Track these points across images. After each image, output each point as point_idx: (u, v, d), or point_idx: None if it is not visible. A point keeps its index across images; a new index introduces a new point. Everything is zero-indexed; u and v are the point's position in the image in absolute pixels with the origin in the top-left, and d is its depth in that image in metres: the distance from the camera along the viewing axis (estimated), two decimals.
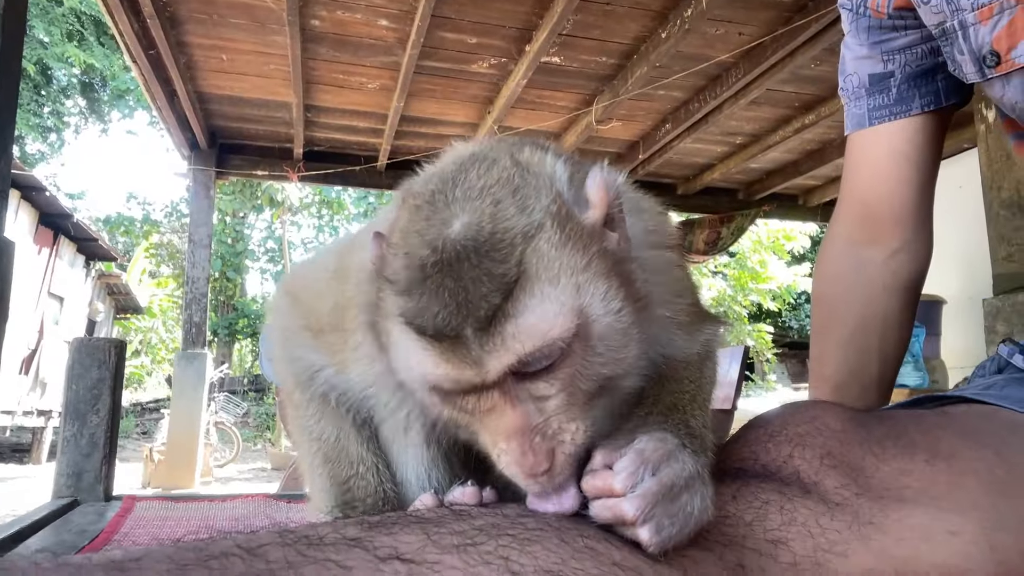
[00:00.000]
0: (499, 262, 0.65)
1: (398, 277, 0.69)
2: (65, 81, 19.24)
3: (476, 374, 0.66)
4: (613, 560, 0.54)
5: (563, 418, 0.69)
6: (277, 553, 0.49)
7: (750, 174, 7.22)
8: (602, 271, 0.69)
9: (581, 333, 0.67)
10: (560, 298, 0.66)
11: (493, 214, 0.67)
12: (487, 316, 0.64)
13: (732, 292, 13.37)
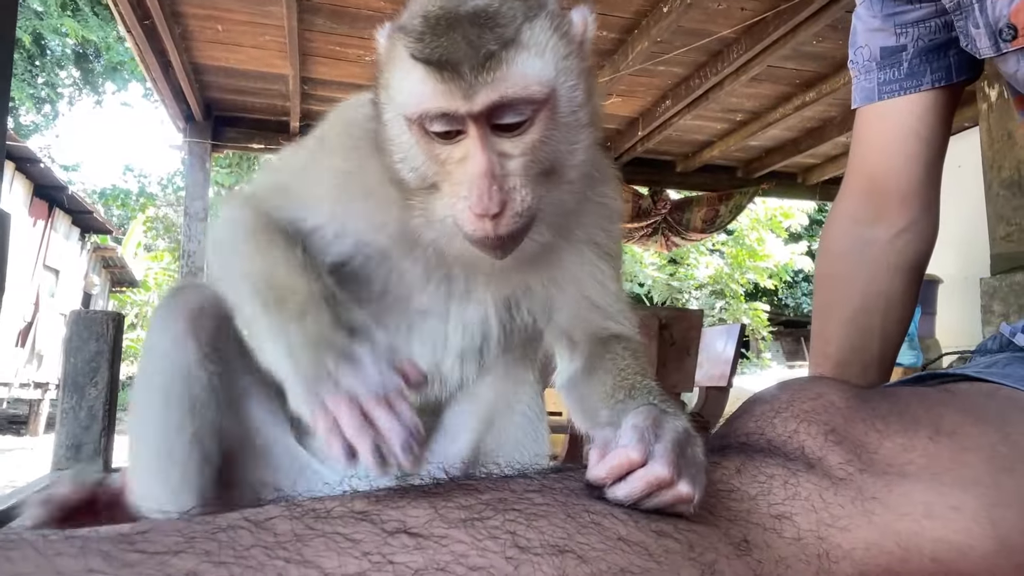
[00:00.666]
0: (502, 25, 0.79)
1: (414, 26, 0.82)
2: (59, 52, 18.99)
3: (464, 103, 0.78)
4: (619, 535, 0.54)
5: (519, 179, 0.81)
6: (285, 526, 0.49)
7: (749, 152, 7.18)
8: (575, 71, 0.85)
9: (551, 103, 0.81)
10: (542, 67, 0.80)
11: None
12: (484, 56, 0.77)
13: (729, 270, 13.38)
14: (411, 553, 0.48)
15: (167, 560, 0.43)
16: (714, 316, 12.80)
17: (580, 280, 0.99)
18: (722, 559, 0.57)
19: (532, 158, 0.82)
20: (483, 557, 0.49)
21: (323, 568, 0.45)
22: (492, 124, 0.80)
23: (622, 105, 6.05)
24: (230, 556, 0.44)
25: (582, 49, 0.88)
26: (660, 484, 0.62)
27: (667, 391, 3.31)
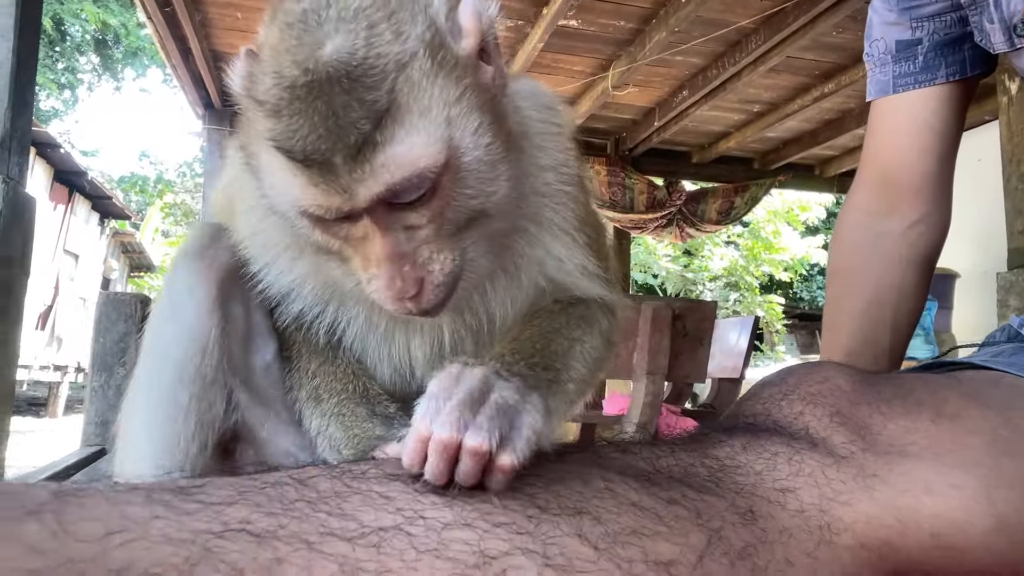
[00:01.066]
0: (371, 88, 0.65)
1: (267, 97, 0.67)
2: (79, 37, 19.14)
3: (344, 201, 0.67)
4: (631, 500, 0.57)
5: (433, 247, 0.71)
6: (325, 484, 0.52)
7: (766, 143, 7.14)
8: (474, 104, 0.70)
9: (451, 165, 0.68)
10: (430, 129, 0.66)
11: (367, 38, 0.66)
12: (356, 143, 0.64)
13: (744, 262, 13.32)
14: (440, 509, 0.51)
15: (222, 510, 0.47)
16: (728, 308, 12.76)
17: (535, 261, 0.89)
18: (728, 526, 0.59)
19: (441, 221, 0.71)
20: (505, 515, 0.52)
21: (361, 521, 0.49)
22: (388, 203, 0.69)
23: (638, 95, 6.04)
24: (278, 508, 0.48)
25: (479, 67, 0.73)
26: (445, 448, 0.55)
27: (679, 381, 3.34)
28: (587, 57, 5.38)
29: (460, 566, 0.48)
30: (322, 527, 0.47)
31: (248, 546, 0.44)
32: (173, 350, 0.88)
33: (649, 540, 0.54)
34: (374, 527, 0.49)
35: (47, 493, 0.45)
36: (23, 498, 0.44)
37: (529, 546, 0.50)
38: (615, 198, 6.84)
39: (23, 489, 0.46)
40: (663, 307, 3.45)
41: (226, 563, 0.43)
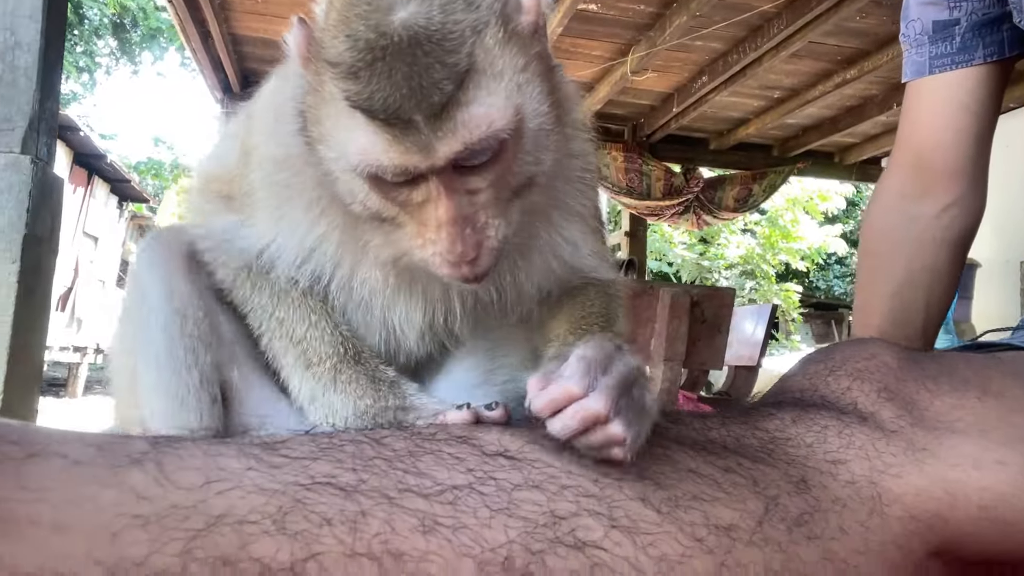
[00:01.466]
0: (451, 52, 0.66)
1: (342, 59, 0.68)
2: (97, 21, 19.22)
3: (423, 159, 0.68)
4: (689, 468, 0.58)
5: (490, 212, 0.73)
6: (400, 444, 0.54)
7: (786, 130, 7.08)
8: (537, 74, 0.73)
9: (518, 129, 0.71)
10: (505, 92, 0.69)
11: (443, 5, 0.68)
12: (439, 102, 0.66)
13: (761, 251, 13.24)
14: (508, 472, 0.53)
15: (307, 464, 0.49)
16: (744, 297, 12.71)
17: (550, 245, 0.91)
18: (783, 495, 0.60)
19: (501, 185, 0.74)
20: (571, 479, 0.53)
21: (435, 479, 0.50)
22: (456, 165, 0.70)
23: (657, 81, 5.99)
24: (359, 464, 0.50)
25: (538, 36, 0.76)
26: (595, 420, 0.59)
27: (695, 368, 3.34)
28: (606, 42, 5.35)
29: (531, 525, 0.49)
30: (400, 483, 0.49)
31: (334, 499, 0.46)
32: (158, 312, 0.89)
33: (709, 505, 0.55)
34: (448, 485, 0.50)
35: (146, 443, 0.47)
36: (125, 448, 0.46)
37: (595, 508, 0.51)
38: (632, 184, 6.82)
39: (124, 440, 0.48)
40: (681, 293, 3.44)
41: (316, 513, 0.45)
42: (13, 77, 2.40)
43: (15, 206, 2.33)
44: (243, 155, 0.93)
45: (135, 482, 0.43)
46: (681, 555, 0.51)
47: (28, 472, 0.42)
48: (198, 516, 0.42)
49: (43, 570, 0.38)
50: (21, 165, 2.35)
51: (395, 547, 0.45)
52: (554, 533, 0.49)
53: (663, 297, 3.39)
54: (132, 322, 0.92)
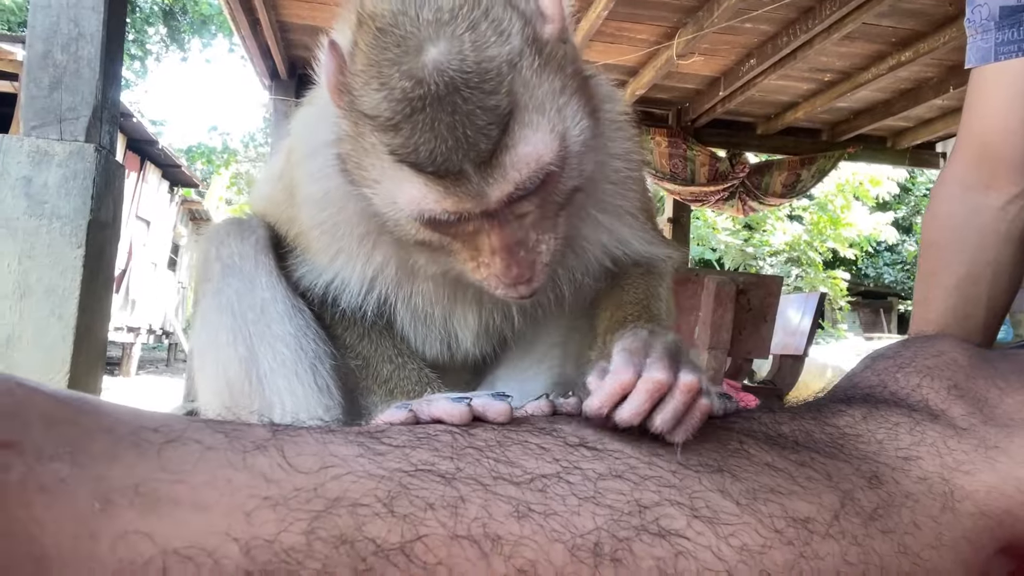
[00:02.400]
0: (490, 93, 0.65)
1: (379, 111, 0.66)
2: (148, 9, 19.64)
3: (476, 204, 0.68)
4: (765, 461, 0.60)
5: (539, 230, 0.74)
6: (488, 435, 0.57)
7: (836, 114, 6.90)
8: (572, 89, 0.72)
9: (565, 152, 0.71)
10: (549, 124, 0.68)
11: (473, 41, 0.66)
12: (488, 150, 0.65)
13: (808, 237, 12.98)
14: (592, 462, 0.55)
15: (407, 452, 0.52)
16: (789, 284, 12.49)
17: (600, 245, 0.92)
18: (858, 489, 0.61)
19: (549, 204, 0.74)
20: (652, 469, 0.55)
21: (525, 468, 0.53)
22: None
23: (703, 65, 5.90)
24: (454, 453, 0.53)
25: (567, 45, 0.74)
26: (661, 388, 0.61)
27: (740, 357, 3.32)
28: (652, 25, 5.28)
29: (617, 513, 0.51)
30: (493, 472, 0.52)
31: (435, 485, 0.49)
32: (276, 304, 0.91)
33: (786, 498, 0.56)
34: (536, 474, 0.53)
35: (267, 431, 0.51)
36: (250, 434, 0.50)
37: (677, 498, 0.53)
38: (675, 170, 6.74)
39: (247, 427, 0.51)
40: (727, 282, 3.42)
41: (419, 498, 0.48)
42: (77, 67, 2.48)
43: (80, 193, 2.42)
44: (288, 196, 0.94)
45: (262, 466, 0.47)
46: (762, 546, 0.52)
47: (168, 457, 0.45)
48: (318, 499, 0.46)
49: (188, 546, 0.42)
50: (85, 153, 2.44)
51: (493, 531, 0.48)
52: (639, 521, 0.51)
53: (708, 285, 3.37)
54: (235, 315, 0.90)
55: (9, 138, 2.47)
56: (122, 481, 0.43)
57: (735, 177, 6.78)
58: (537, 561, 0.48)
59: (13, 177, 2.40)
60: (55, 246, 2.38)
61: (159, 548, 0.41)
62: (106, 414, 0.47)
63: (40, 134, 2.44)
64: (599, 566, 0.48)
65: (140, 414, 0.49)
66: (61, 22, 2.49)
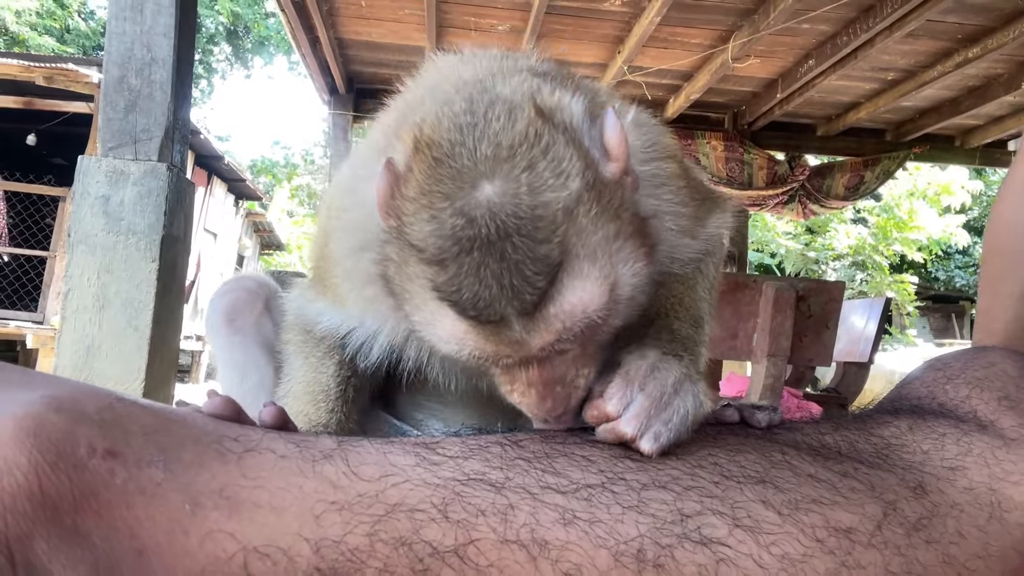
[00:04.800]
0: (542, 242, 0.62)
1: (427, 245, 0.64)
2: (213, 29, 20.43)
3: (517, 351, 0.66)
4: (808, 472, 0.60)
5: (579, 364, 0.70)
6: (535, 446, 0.60)
7: (900, 113, 6.70)
8: (628, 232, 0.67)
9: (615, 296, 0.66)
10: (599, 275, 0.64)
11: (530, 183, 0.63)
12: (533, 302, 0.62)
13: (874, 241, 12.56)
14: (636, 473, 0.57)
15: (460, 463, 0.55)
16: (853, 289, 12.11)
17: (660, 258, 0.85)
18: (901, 499, 0.61)
19: (592, 344, 0.71)
20: (694, 480, 0.56)
21: (571, 478, 0.55)
22: None
23: (760, 67, 5.81)
24: (503, 463, 0.56)
25: (630, 184, 0.69)
26: (625, 440, 0.64)
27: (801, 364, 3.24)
28: (706, 29, 5.23)
29: (660, 521, 0.53)
30: (540, 481, 0.54)
31: (487, 493, 0.53)
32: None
33: (829, 508, 0.57)
34: (582, 484, 0.55)
35: (333, 441, 0.55)
36: (317, 445, 0.54)
37: (719, 508, 0.55)
38: (732, 174, 6.64)
39: (315, 438, 0.56)
40: (786, 288, 3.35)
41: (472, 505, 0.51)
42: (150, 91, 2.62)
43: (153, 209, 2.55)
44: (325, 259, 0.96)
45: (329, 474, 0.51)
46: (803, 555, 0.53)
47: (247, 464, 0.50)
48: (379, 504, 0.50)
49: (266, 544, 0.47)
50: (158, 172, 2.57)
51: (540, 536, 0.50)
52: (681, 529, 0.53)
53: (766, 291, 3.32)
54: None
55: (88, 159, 2.62)
56: (208, 486, 0.48)
57: (795, 180, 6.64)
58: (582, 565, 0.50)
59: (92, 196, 2.55)
60: (131, 260, 2.52)
61: (241, 546, 0.46)
62: (191, 423, 0.53)
63: (116, 154, 2.59)
64: (642, 571, 0.50)
65: (219, 424, 0.54)
66: (135, 48, 2.63)
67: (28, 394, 0.47)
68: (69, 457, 0.45)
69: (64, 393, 0.48)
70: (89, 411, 0.48)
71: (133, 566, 0.44)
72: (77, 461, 0.45)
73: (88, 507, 0.44)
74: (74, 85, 8.06)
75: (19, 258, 9.10)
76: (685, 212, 0.84)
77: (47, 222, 9.00)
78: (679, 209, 0.83)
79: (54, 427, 0.45)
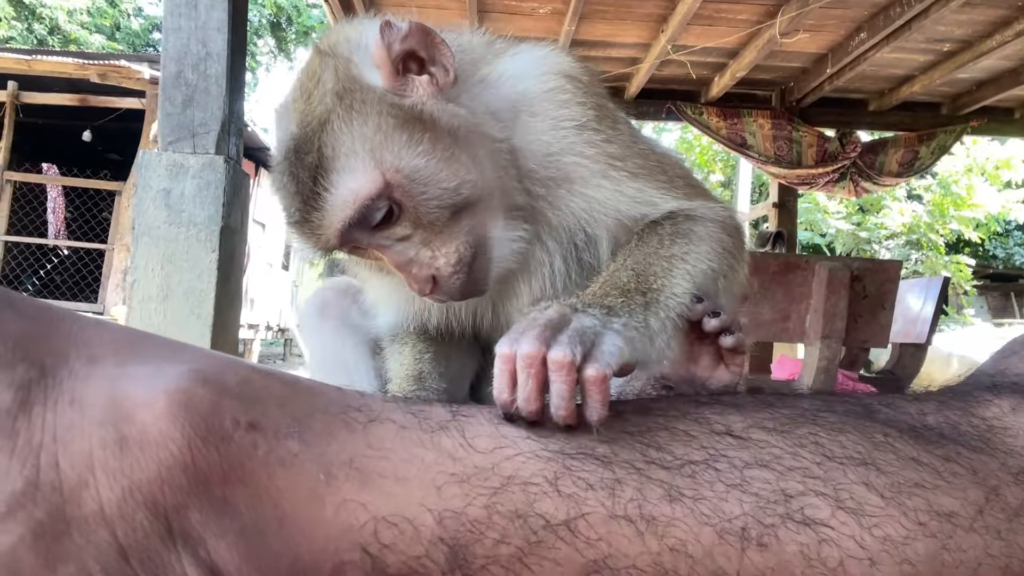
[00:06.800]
0: (306, 152, 0.79)
1: (272, 184, 0.87)
2: (257, 22, 20.73)
3: (319, 241, 0.82)
4: (910, 455, 0.60)
5: (433, 247, 0.82)
6: (637, 418, 0.60)
7: (957, 85, 6.45)
8: (395, 125, 0.79)
9: (394, 183, 0.79)
10: (358, 164, 0.78)
11: (303, 113, 0.81)
12: (310, 198, 0.79)
13: (929, 219, 12.16)
14: (738, 450, 0.57)
15: (568, 435, 0.56)
16: (908, 269, 11.78)
17: (584, 213, 0.92)
18: (1004, 485, 0.60)
19: (424, 224, 0.82)
20: (796, 460, 0.57)
21: (674, 454, 0.56)
22: (368, 229, 0.82)
23: (808, 42, 5.66)
24: (608, 436, 0.57)
25: (406, 86, 0.83)
26: (535, 363, 0.57)
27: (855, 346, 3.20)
28: (752, 4, 5.11)
29: (763, 500, 0.54)
30: (645, 456, 0.55)
31: (595, 467, 0.53)
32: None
33: (931, 492, 0.57)
34: (685, 460, 0.56)
35: (447, 412, 0.56)
36: (433, 415, 0.55)
37: (822, 489, 0.55)
38: (780, 153, 6.50)
39: (429, 407, 0.57)
40: (840, 267, 3.29)
41: (581, 479, 0.52)
42: (206, 85, 2.69)
43: (212, 202, 2.63)
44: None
45: (447, 446, 0.53)
46: (904, 537, 0.53)
47: (372, 434, 0.52)
48: (495, 476, 0.51)
49: (393, 514, 0.49)
50: (216, 165, 2.64)
51: (647, 512, 0.51)
52: (784, 509, 0.53)
53: (819, 272, 3.26)
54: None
55: (149, 153, 2.71)
56: (339, 456, 0.50)
57: (846, 157, 6.46)
58: (687, 541, 0.51)
59: (154, 189, 2.63)
60: (192, 251, 2.60)
61: (371, 515, 0.48)
62: (319, 394, 0.54)
63: (176, 148, 2.67)
64: (746, 549, 0.51)
65: (343, 393, 0.56)
66: (191, 44, 2.70)
67: (176, 367, 0.49)
68: (217, 430, 0.47)
69: (207, 366, 0.50)
70: (231, 384, 0.50)
71: (276, 533, 0.47)
72: (224, 434, 0.47)
73: (235, 478, 0.47)
74: (126, 81, 8.28)
75: (78, 251, 9.43)
76: (594, 155, 0.91)
77: (104, 216, 9.30)
78: (587, 151, 0.91)
79: (202, 401, 0.47)
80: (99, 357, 0.48)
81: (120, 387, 0.47)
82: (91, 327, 0.51)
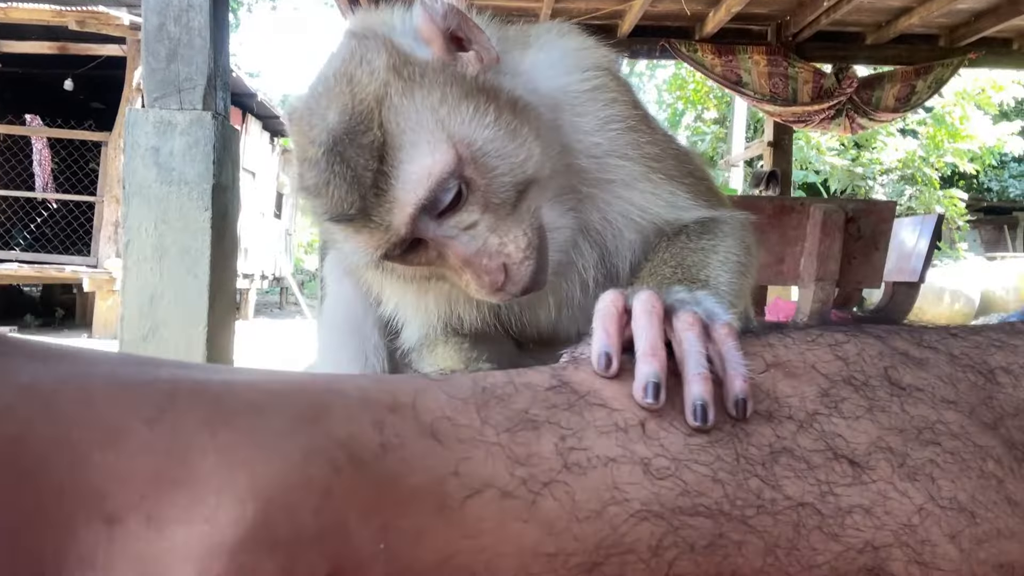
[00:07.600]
0: (364, 132, 0.71)
1: (302, 175, 0.76)
2: None
3: (385, 236, 0.74)
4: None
5: (499, 233, 0.76)
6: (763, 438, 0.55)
7: (955, 16, 6.31)
8: (460, 95, 0.74)
9: (465, 157, 0.72)
10: (427, 138, 0.71)
11: (351, 91, 0.73)
12: (372, 189, 0.71)
13: (924, 153, 12.07)
14: (848, 488, 0.51)
15: (680, 474, 0.50)
16: (902, 205, 11.75)
17: (623, 216, 0.90)
18: None
19: (492, 206, 0.75)
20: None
21: (785, 493, 0.50)
22: (434, 217, 0.74)
23: None
24: (726, 470, 0.51)
25: (456, 61, 0.78)
26: (656, 314, 0.57)
27: (849, 286, 3.24)
28: None
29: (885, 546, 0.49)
30: (757, 500, 0.50)
31: (705, 523, 0.48)
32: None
33: None
34: (796, 502, 0.50)
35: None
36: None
37: None
38: (775, 90, 6.40)
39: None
40: (835, 210, 3.29)
41: (685, 541, 0.47)
42: (189, 38, 2.62)
43: (202, 159, 2.59)
44: None
45: (550, 513, 0.47)
46: None
47: (468, 516, 0.45)
48: (598, 552, 0.46)
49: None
50: (204, 121, 2.60)
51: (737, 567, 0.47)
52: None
53: (814, 214, 3.26)
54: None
55: (136, 111, 2.66)
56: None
57: (842, 93, 6.37)
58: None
59: (143, 148, 2.60)
60: (184, 210, 2.58)
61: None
62: (409, 467, 0.46)
63: (163, 104, 2.62)
64: None
65: (438, 448, 0.47)
66: None
67: (225, 512, 0.38)
68: None
69: (275, 490, 0.39)
70: (304, 519, 0.40)
71: None
72: None
73: None
74: (106, 28, 8.05)
75: (68, 204, 9.33)
76: (637, 158, 0.89)
77: (91, 167, 9.17)
78: (630, 152, 0.88)
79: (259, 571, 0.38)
80: (120, 516, 0.36)
81: (151, 569, 0.36)
82: (107, 450, 0.37)
